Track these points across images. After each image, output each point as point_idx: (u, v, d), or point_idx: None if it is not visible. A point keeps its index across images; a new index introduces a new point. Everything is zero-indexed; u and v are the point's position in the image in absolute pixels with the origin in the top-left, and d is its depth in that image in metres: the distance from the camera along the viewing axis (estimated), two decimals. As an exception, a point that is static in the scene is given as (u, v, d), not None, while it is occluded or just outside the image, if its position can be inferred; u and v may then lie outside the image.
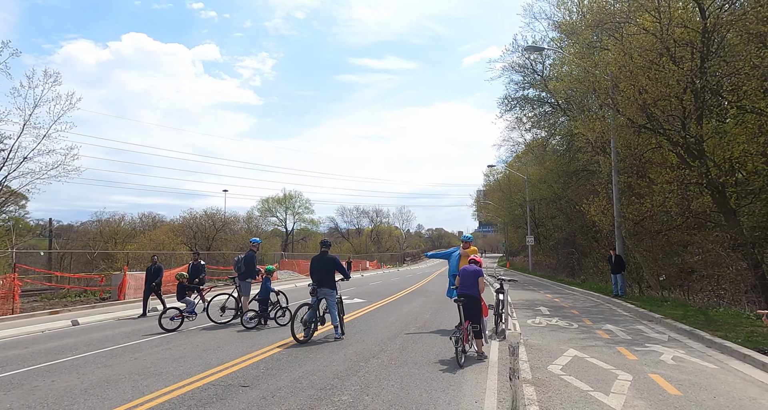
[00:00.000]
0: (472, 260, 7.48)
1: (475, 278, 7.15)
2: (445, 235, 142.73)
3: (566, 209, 32.38)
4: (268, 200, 78.40)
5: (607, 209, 19.13)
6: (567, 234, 33.74)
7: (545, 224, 43.38)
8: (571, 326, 10.64)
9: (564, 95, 26.66)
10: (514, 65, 32.84)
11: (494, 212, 58.08)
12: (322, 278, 8.39)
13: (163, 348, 7.73)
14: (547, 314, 12.75)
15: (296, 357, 6.99)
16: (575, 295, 19.15)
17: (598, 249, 27.06)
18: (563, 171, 31.78)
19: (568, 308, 14.35)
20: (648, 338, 9.22)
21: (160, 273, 12.54)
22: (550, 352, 7.70)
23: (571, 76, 20.35)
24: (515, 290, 21.45)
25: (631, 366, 6.83)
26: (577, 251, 31.63)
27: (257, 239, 11.01)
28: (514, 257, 66.37)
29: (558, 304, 15.45)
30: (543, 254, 43.49)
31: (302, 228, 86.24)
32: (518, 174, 42.95)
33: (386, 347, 7.81)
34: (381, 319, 11.31)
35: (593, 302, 16.38)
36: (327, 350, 7.51)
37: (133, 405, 4.82)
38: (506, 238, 69.78)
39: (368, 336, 8.77)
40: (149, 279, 12.44)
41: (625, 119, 16.48)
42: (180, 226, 53.14)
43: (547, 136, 33.85)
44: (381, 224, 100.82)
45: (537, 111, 34.01)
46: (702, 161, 14.08)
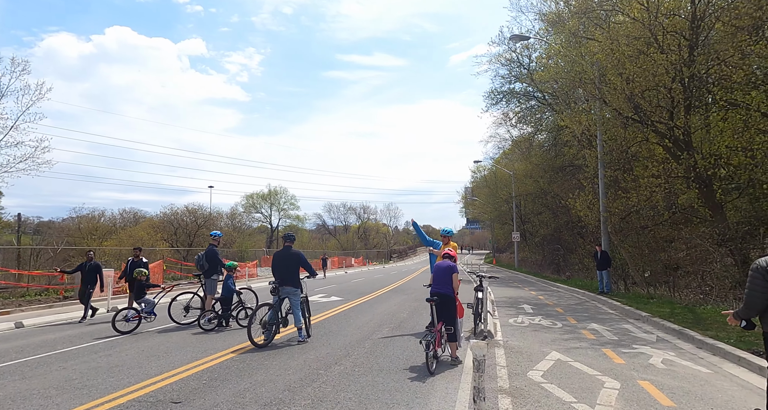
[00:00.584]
0: (447, 255, 6.82)
1: (448, 275, 6.48)
2: (433, 232, 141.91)
3: (552, 204, 32.00)
4: (253, 196, 77.12)
5: (592, 203, 18.66)
6: (553, 230, 33.40)
7: (531, 221, 43.09)
8: (554, 325, 10.07)
9: (550, 88, 26.20)
10: (501, 59, 32.31)
11: (481, 208, 57.78)
12: (285, 275, 7.66)
13: (102, 354, 6.92)
14: (530, 312, 12.18)
15: (249, 364, 6.25)
16: (560, 292, 18.69)
17: (584, 245, 26.70)
18: (549, 166, 31.39)
19: (552, 306, 13.81)
20: (635, 338, 8.68)
21: (97, 272, 10.95)
22: (531, 355, 7.08)
23: (557, 67, 19.82)
24: (499, 287, 20.94)
25: (619, 371, 6.24)
26: (562, 247, 31.29)
27: (218, 233, 10.18)
28: (501, 254, 66.17)
29: (542, 302, 14.92)
30: (529, 251, 43.21)
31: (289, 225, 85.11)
32: (504, 170, 42.56)
33: (353, 351, 7.12)
34: (354, 319, 10.62)
35: (578, 299, 15.90)
36: (285, 355, 6.78)
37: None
38: (493, 234, 69.64)
39: (336, 339, 8.06)
40: (85, 280, 10.81)
41: (611, 110, 15.98)
42: (160, 222, 51.82)
43: (533, 131, 33.45)
44: (368, 221, 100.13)
45: (523, 106, 33.57)
46: (690, 153, 13.62)
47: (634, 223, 17.58)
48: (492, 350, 7.38)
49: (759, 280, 3.82)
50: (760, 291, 3.81)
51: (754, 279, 3.85)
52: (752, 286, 3.86)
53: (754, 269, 3.87)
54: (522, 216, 43.66)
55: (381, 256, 77.33)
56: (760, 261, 3.89)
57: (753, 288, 3.85)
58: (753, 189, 14.64)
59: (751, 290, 3.87)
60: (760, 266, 3.85)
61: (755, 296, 3.85)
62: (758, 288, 3.82)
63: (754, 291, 3.84)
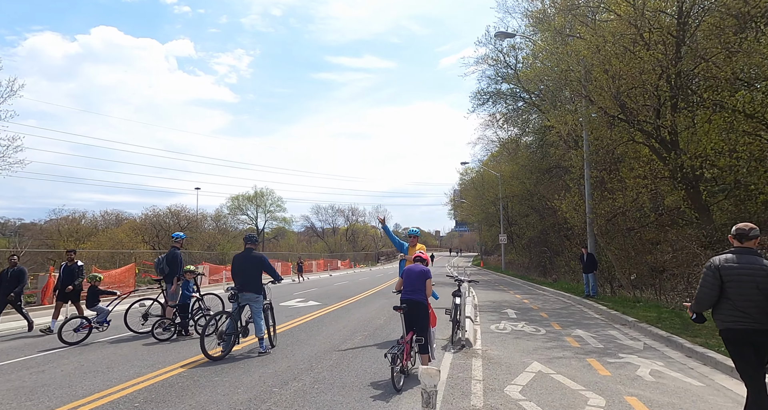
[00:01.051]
0: (418, 257, 6.26)
1: (421, 280, 5.92)
2: (422, 234, 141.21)
3: (539, 206, 31.71)
4: (239, 197, 75.99)
5: (579, 205, 18.30)
6: (540, 232, 33.11)
7: (518, 223, 42.84)
8: (538, 332, 9.57)
9: (536, 88, 25.90)
10: (488, 59, 31.94)
11: (468, 210, 57.48)
12: (246, 280, 7.03)
13: (34, 370, 6.21)
14: (513, 318, 11.68)
15: (196, 381, 5.62)
16: (546, 295, 18.26)
17: (570, 248, 26.39)
18: (535, 168, 31.10)
19: (536, 310, 13.34)
20: (622, 346, 8.20)
21: (21, 280, 9.26)
22: (510, 367, 6.54)
23: (543, 66, 19.47)
24: (484, 290, 20.46)
25: (604, 384, 5.73)
26: (549, 249, 31.00)
27: (180, 234, 9.47)
28: (489, 256, 65.93)
29: (526, 306, 14.45)
30: (516, 253, 42.94)
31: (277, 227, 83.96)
32: (491, 172, 42.28)
33: (317, 363, 6.51)
34: (327, 326, 10.01)
35: (564, 303, 15.47)
36: (241, 370, 6.15)
37: None
38: (480, 237, 69.42)
39: (301, 349, 7.45)
40: (5, 289, 9.12)
41: (597, 109, 15.62)
42: (142, 224, 50.62)
43: (520, 132, 33.14)
44: (357, 223, 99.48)
45: (510, 107, 33.24)
46: (677, 153, 13.28)
47: (621, 225, 17.24)
48: (469, 361, 6.84)
49: (710, 277, 4.01)
50: (709, 288, 4.01)
51: (705, 276, 4.05)
52: (704, 282, 4.06)
53: (708, 267, 4.08)
54: (509, 218, 43.39)
55: (369, 258, 76.66)
56: (714, 259, 4.08)
57: (704, 284, 4.05)
58: (738, 191, 14.38)
59: (701, 287, 4.07)
60: (713, 264, 4.04)
61: (705, 292, 4.04)
62: (708, 285, 4.01)
63: (704, 287, 4.04)
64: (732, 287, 3.91)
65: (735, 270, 3.92)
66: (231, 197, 75.59)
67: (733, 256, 4.00)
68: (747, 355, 3.90)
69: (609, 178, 17.91)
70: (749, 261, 3.92)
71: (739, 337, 3.92)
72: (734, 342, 3.98)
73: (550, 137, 28.23)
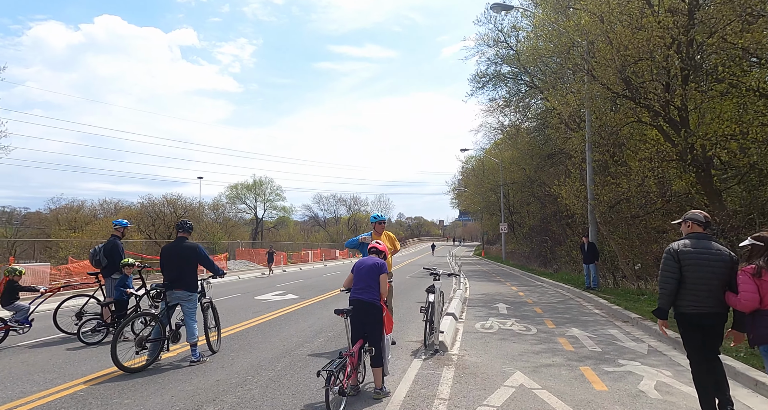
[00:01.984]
0: (373, 248, 5.14)
1: (373, 276, 4.82)
2: (425, 223, 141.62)
3: (539, 193, 30.46)
4: (237, 186, 75.01)
5: (580, 191, 17.07)
6: (540, 221, 31.90)
7: (519, 211, 41.62)
8: (527, 331, 8.46)
9: (537, 68, 24.51)
10: (487, 39, 30.44)
11: (470, 199, 56.22)
12: (177, 275, 5.93)
13: None
14: (503, 313, 10.57)
15: (86, 404, 4.55)
16: (543, 287, 17.14)
17: (572, 237, 25.21)
18: (536, 153, 29.78)
19: (531, 304, 12.23)
20: (622, 349, 7.09)
21: None
22: (487, 379, 5.45)
23: (546, 44, 18.09)
24: (479, 282, 19.37)
25: (599, 404, 4.63)
26: (550, 238, 29.80)
27: (123, 222, 8.35)
28: (491, 246, 64.73)
29: (521, 299, 13.34)
30: (517, 243, 41.76)
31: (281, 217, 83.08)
32: (492, 159, 40.94)
33: (254, 376, 5.44)
34: (292, 324, 8.94)
35: (562, 296, 14.34)
36: (155, 387, 5.07)
37: None
38: (482, 226, 68.27)
39: (246, 356, 6.37)
40: None
41: (599, 86, 14.31)
42: (138, 212, 49.84)
43: (521, 117, 31.70)
44: (359, 213, 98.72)
45: (511, 90, 31.79)
46: (687, 132, 12.01)
47: (624, 212, 16.02)
48: (439, 370, 5.75)
49: (670, 261, 4.06)
50: (670, 272, 4.06)
51: (666, 261, 4.10)
52: (664, 267, 4.11)
53: (667, 252, 4.12)
54: (510, 207, 42.16)
55: (369, 248, 75.62)
56: (672, 245, 4.13)
57: (664, 269, 4.11)
58: (752, 176, 13.15)
59: (663, 272, 4.12)
60: (672, 248, 4.10)
61: (667, 276, 4.08)
62: (669, 269, 4.06)
63: (666, 272, 4.09)
64: (689, 271, 4.00)
65: (692, 255, 4.01)
66: (230, 185, 74.65)
67: (690, 241, 4.10)
68: (695, 340, 4.08)
69: (612, 162, 16.65)
70: (705, 246, 4.04)
71: (690, 321, 4.06)
72: (685, 327, 4.12)
73: (551, 120, 26.90)
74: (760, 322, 3.66)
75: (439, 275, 7.35)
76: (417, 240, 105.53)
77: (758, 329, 3.67)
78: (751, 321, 3.74)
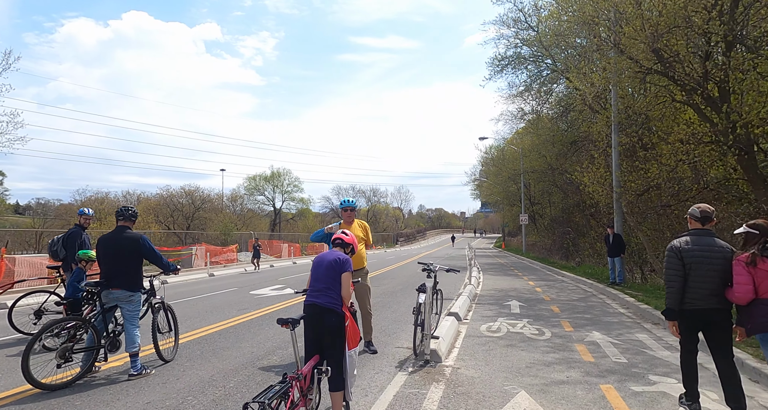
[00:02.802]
0: (338, 239, 4.15)
1: (333, 275, 3.82)
2: (445, 215, 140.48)
3: (561, 182, 28.88)
4: (255, 177, 74.98)
5: (604, 178, 15.67)
6: (562, 211, 30.35)
7: (541, 202, 39.98)
8: (540, 335, 7.37)
9: (559, 48, 22.93)
10: (507, 20, 28.80)
11: (489, 189, 54.53)
12: (114, 271, 5.05)
13: None
14: (515, 313, 9.46)
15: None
16: (564, 282, 15.88)
17: (596, 228, 23.69)
18: (558, 140, 28.18)
19: (548, 302, 11.07)
20: (653, 361, 5.94)
21: None
22: (483, 400, 4.42)
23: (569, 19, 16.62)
24: (495, 275, 18.21)
25: (622, 444, 3.55)
26: (573, 230, 28.27)
27: (86, 210, 7.54)
28: (512, 238, 62.97)
29: (537, 296, 12.17)
30: (538, 234, 40.18)
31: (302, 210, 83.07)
32: (513, 147, 39.31)
33: (196, 396, 4.52)
34: (269, 327, 8.04)
35: (583, 292, 13.10)
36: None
37: None
38: (502, 217, 66.54)
39: (199, 368, 5.46)
40: None
41: (628, 61, 12.86)
42: (156, 204, 50.16)
43: (542, 102, 30.01)
44: (378, 204, 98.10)
45: (531, 73, 30.10)
46: (729, 108, 10.54)
47: (654, 201, 14.57)
48: (425, 389, 4.74)
49: (674, 259, 3.99)
50: (675, 269, 3.96)
51: (669, 259, 4.03)
52: (668, 265, 4.03)
53: (669, 249, 4.05)
54: (531, 197, 40.53)
55: (387, 240, 74.87)
56: (674, 242, 4.08)
57: (669, 267, 4.02)
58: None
59: (667, 270, 4.03)
60: (674, 246, 4.04)
61: (672, 274, 3.98)
62: (673, 267, 3.97)
63: (671, 270, 3.99)
64: (691, 268, 3.92)
65: (694, 252, 3.93)
66: (248, 177, 74.69)
67: (692, 238, 4.02)
68: (693, 337, 4.07)
69: (640, 146, 15.17)
70: (708, 243, 3.95)
71: (691, 317, 3.99)
72: (684, 322, 4.05)
73: (574, 103, 25.27)
74: (758, 311, 3.61)
75: (435, 272, 6.31)
76: (437, 232, 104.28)
77: (756, 318, 3.63)
78: (748, 311, 3.70)
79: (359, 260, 5.91)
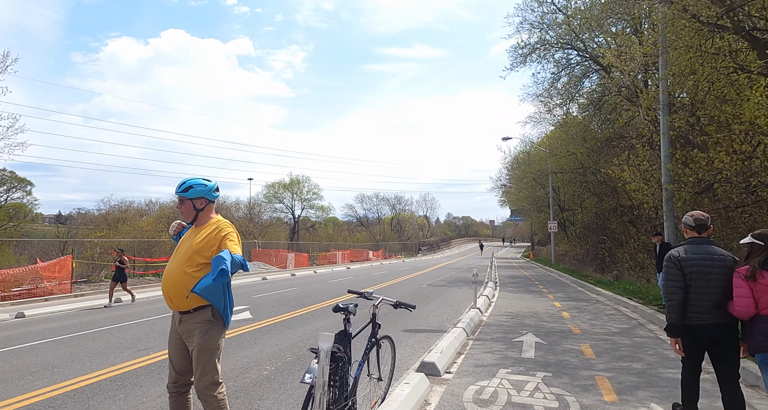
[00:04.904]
0: None
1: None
2: (473, 224, 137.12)
3: (593, 183, 25.42)
4: (275, 185, 73.63)
5: (650, 174, 12.46)
6: (596, 217, 26.77)
7: (571, 208, 36.26)
8: (561, 413, 4.42)
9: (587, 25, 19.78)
10: (530, 2, 25.73)
11: (515, 194, 50.88)
12: None
13: None
14: (527, 358, 6.49)
15: None
16: (599, 303, 12.65)
17: (637, 236, 20.20)
18: (590, 136, 24.82)
19: (577, 337, 8.00)
20: None
21: None
22: None
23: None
24: (513, 292, 15.09)
25: None
26: (609, 238, 24.69)
27: None
28: (542, 247, 58.76)
29: (563, 326, 9.09)
30: (569, 243, 36.44)
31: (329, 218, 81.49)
32: (541, 149, 35.90)
33: None
34: (152, 384, 5.42)
35: (626, 320, 9.90)
36: None
37: None
38: (530, 225, 62.55)
39: None
40: None
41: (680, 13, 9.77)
42: (171, 211, 49.14)
43: (570, 98, 26.65)
44: (403, 212, 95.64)
45: (558, 62, 26.83)
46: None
47: (722, 200, 11.28)
48: None
49: (673, 269, 3.75)
50: (675, 281, 3.73)
51: (669, 270, 3.78)
52: (668, 277, 3.79)
53: (668, 260, 3.81)
54: (560, 202, 36.89)
55: (408, 249, 71.79)
56: (672, 252, 3.82)
57: (668, 279, 3.78)
58: None
59: (667, 282, 3.79)
60: (672, 255, 3.79)
61: (673, 286, 3.73)
62: (673, 278, 3.74)
63: (670, 281, 3.76)
64: (692, 279, 3.67)
65: (694, 261, 3.70)
66: (267, 185, 73.45)
67: (691, 247, 3.79)
68: (698, 356, 3.77)
69: (698, 129, 11.91)
70: (708, 252, 3.73)
71: (694, 333, 3.69)
72: (690, 340, 3.73)
73: (609, 96, 21.98)
74: (757, 329, 3.41)
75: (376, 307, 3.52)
76: (463, 241, 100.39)
77: (755, 336, 3.42)
78: (749, 328, 3.48)
79: (193, 296, 3.09)
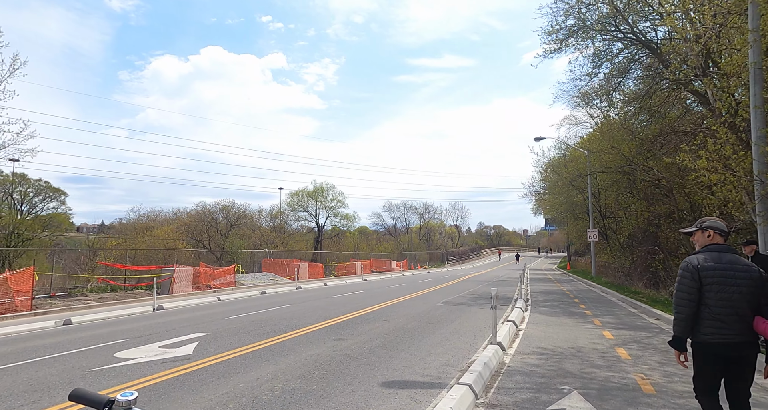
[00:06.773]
0: None
1: None
2: (505, 233, 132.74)
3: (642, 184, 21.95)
4: (299, 193, 72.18)
5: (734, 161, 9.33)
6: (646, 224, 23.18)
7: (615, 214, 32.48)
8: None
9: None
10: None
11: (550, 200, 47.06)
12: None
13: None
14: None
15: None
16: (664, 334, 9.50)
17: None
18: (639, 131, 21.44)
19: (650, 400, 5.09)
20: None
21: None
22: None
23: None
24: (548, 315, 12.08)
25: None
26: (661, 248, 21.11)
27: None
28: (580, 258, 54.45)
29: (623, 374, 6.14)
30: (611, 254, 32.63)
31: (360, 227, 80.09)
32: (579, 149, 32.48)
33: None
34: None
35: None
36: None
37: None
38: (567, 233, 58.28)
39: None
40: None
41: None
42: (191, 220, 48.11)
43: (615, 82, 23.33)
44: (432, 221, 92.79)
45: (599, 49, 23.58)
46: None
47: None
48: None
49: (687, 280, 3.35)
50: (687, 292, 3.35)
51: (682, 280, 3.38)
52: (680, 287, 3.39)
53: (684, 268, 3.39)
54: (601, 209, 33.19)
55: (435, 258, 68.57)
56: (690, 259, 3.42)
57: (680, 289, 3.38)
58: None
59: (678, 292, 3.40)
60: (691, 264, 3.38)
61: (683, 297, 3.35)
62: (686, 289, 3.35)
63: (682, 292, 3.37)
64: (712, 291, 3.28)
65: (717, 272, 3.28)
66: (291, 193, 72.13)
67: (712, 255, 3.37)
68: (714, 376, 3.36)
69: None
70: (731, 261, 3.31)
71: (714, 352, 3.30)
72: (705, 358, 3.34)
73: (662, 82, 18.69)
74: None
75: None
76: (492, 251, 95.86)
77: None
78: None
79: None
